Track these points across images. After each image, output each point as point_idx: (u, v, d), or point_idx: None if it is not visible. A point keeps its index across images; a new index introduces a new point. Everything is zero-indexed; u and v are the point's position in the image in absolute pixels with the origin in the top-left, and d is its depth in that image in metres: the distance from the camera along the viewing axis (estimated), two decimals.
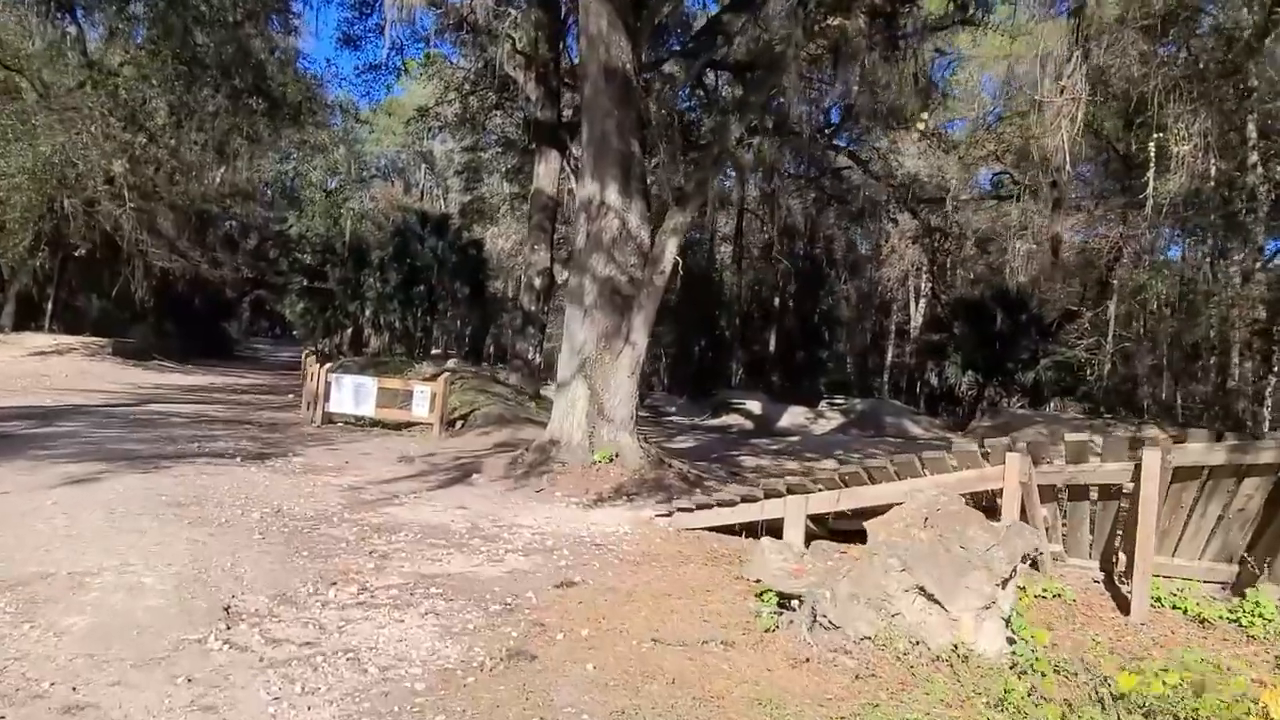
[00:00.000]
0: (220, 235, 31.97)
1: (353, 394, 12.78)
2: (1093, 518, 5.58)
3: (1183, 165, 13.62)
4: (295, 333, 51.62)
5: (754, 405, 20.29)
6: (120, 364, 20.80)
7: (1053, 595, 5.11)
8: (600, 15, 9.40)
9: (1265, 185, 15.06)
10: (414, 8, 13.73)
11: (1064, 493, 5.53)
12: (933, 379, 28.76)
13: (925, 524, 4.23)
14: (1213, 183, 15.05)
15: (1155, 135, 13.60)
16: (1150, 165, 14.06)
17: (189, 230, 26.46)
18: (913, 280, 31.58)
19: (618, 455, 9.04)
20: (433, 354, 29.86)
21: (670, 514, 7.09)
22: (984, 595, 3.92)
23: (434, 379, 13.31)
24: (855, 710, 3.28)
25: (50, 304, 24.80)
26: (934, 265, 27.14)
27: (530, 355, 18.75)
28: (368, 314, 32.82)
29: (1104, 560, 5.63)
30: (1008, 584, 4.02)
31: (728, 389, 25.03)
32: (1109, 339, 21.04)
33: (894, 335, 34.34)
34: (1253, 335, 16.21)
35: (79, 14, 20.12)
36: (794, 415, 19.78)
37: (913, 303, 33.10)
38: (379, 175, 46.41)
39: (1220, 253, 22.06)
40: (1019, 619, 4.11)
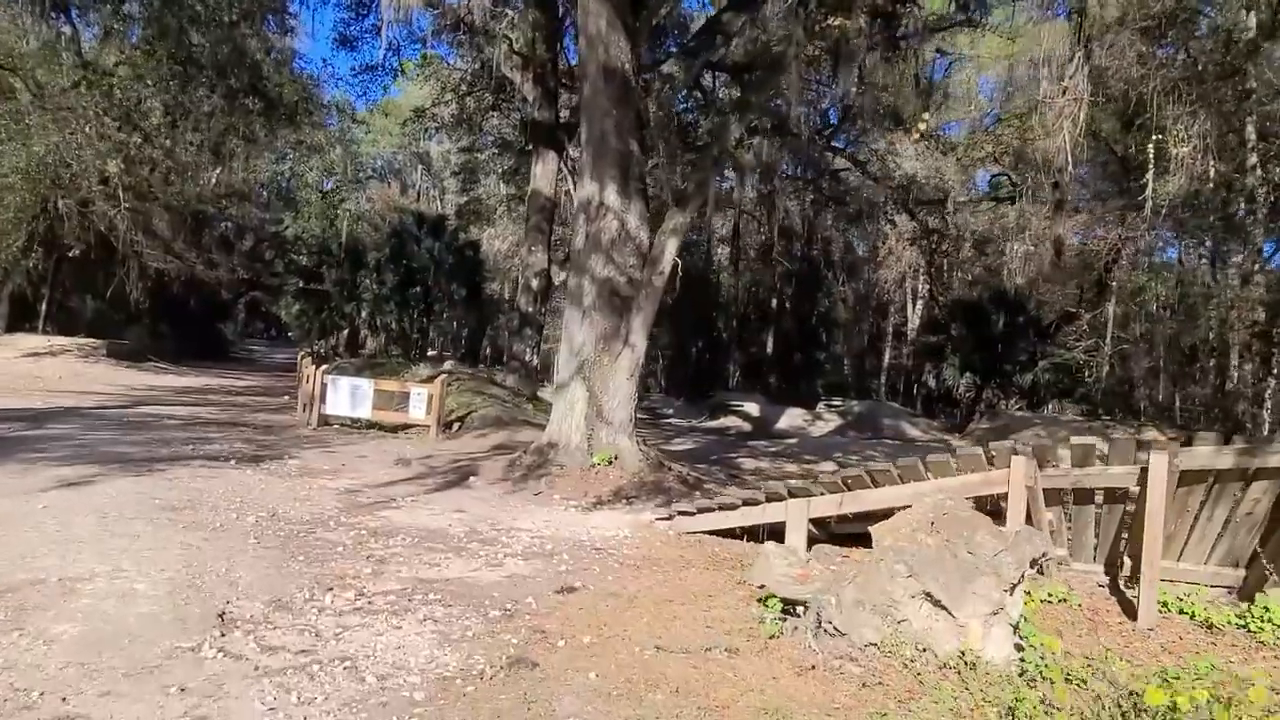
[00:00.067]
0: (216, 236, 31.82)
1: (349, 396, 12.69)
2: (1097, 521, 5.53)
3: (1182, 167, 13.63)
4: (291, 334, 51.48)
5: (752, 407, 20.23)
6: (114, 365, 20.65)
7: (1058, 600, 5.05)
8: (599, 15, 9.34)
9: (1264, 187, 15.05)
10: (411, 8, 13.71)
11: (1069, 496, 5.48)
12: (930, 381, 28.71)
13: (932, 529, 4.17)
14: (1212, 184, 15.04)
15: (1154, 137, 13.60)
16: (1149, 167, 14.05)
17: (184, 231, 26.28)
18: (910, 282, 31.53)
19: (617, 458, 8.97)
20: (429, 355, 29.73)
21: (670, 517, 7.03)
22: (992, 601, 3.86)
23: (431, 381, 13.22)
24: None
25: (44, 305, 24.60)
26: (931, 267, 27.10)
27: (527, 357, 18.68)
28: (364, 315, 32.70)
29: (1109, 564, 5.57)
30: (1016, 590, 3.96)
31: (725, 391, 24.99)
32: (1107, 341, 21.02)
33: (891, 337, 34.30)
34: (1252, 337, 16.19)
35: (74, 13, 20.02)
36: (792, 417, 19.73)
37: (910, 304, 33.06)
38: (375, 176, 46.38)
39: (1217, 255, 22.10)
40: (1027, 625, 4.05)
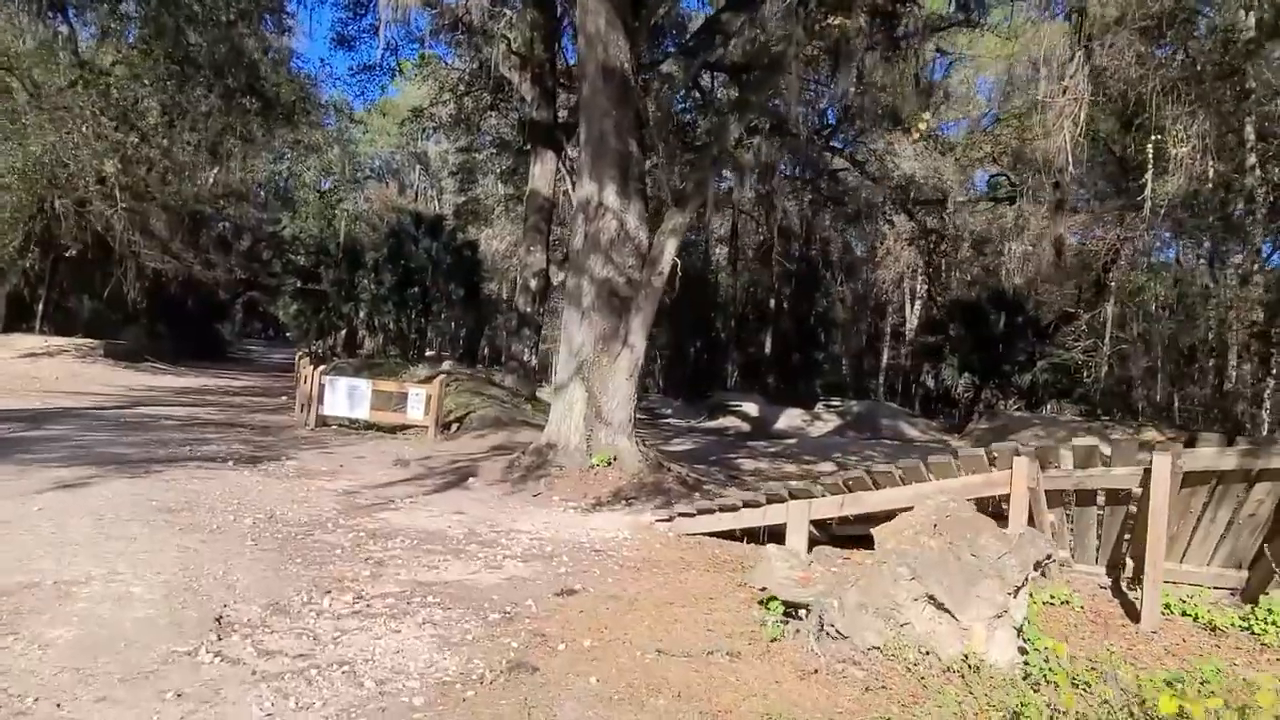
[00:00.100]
0: (213, 236, 31.73)
1: (347, 396, 12.65)
2: (1099, 523, 5.51)
3: (1181, 167, 13.62)
4: (289, 334, 51.44)
5: (750, 407, 20.20)
6: (112, 366, 20.58)
7: (1061, 602, 5.03)
8: (598, 14, 9.31)
9: (1263, 187, 15.05)
10: (409, 8, 13.65)
11: (1071, 497, 5.46)
12: (928, 381, 28.74)
13: (935, 531, 4.14)
14: (1210, 184, 15.03)
15: (1153, 137, 13.58)
16: (1149, 167, 14.04)
17: (182, 231, 26.21)
18: (908, 282, 31.55)
19: (616, 459, 8.93)
20: (427, 356, 29.69)
21: (670, 519, 6.99)
22: (996, 604, 3.83)
23: (429, 381, 13.18)
24: None
25: (41, 305, 24.51)
26: (930, 267, 27.11)
27: (526, 357, 18.64)
28: (362, 316, 32.68)
29: (1111, 566, 5.55)
30: (1020, 593, 3.93)
31: (723, 391, 24.96)
32: (1106, 341, 21.02)
33: (889, 337, 34.29)
34: (1251, 337, 16.19)
35: (71, 13, 19.94)
36: (790, 417, 19.71)
37: (908, 304, 33.07)
38: (373, 176, 46.36)
39: (1216, 255, 22.09)
40: (1031, 628, 4.03)
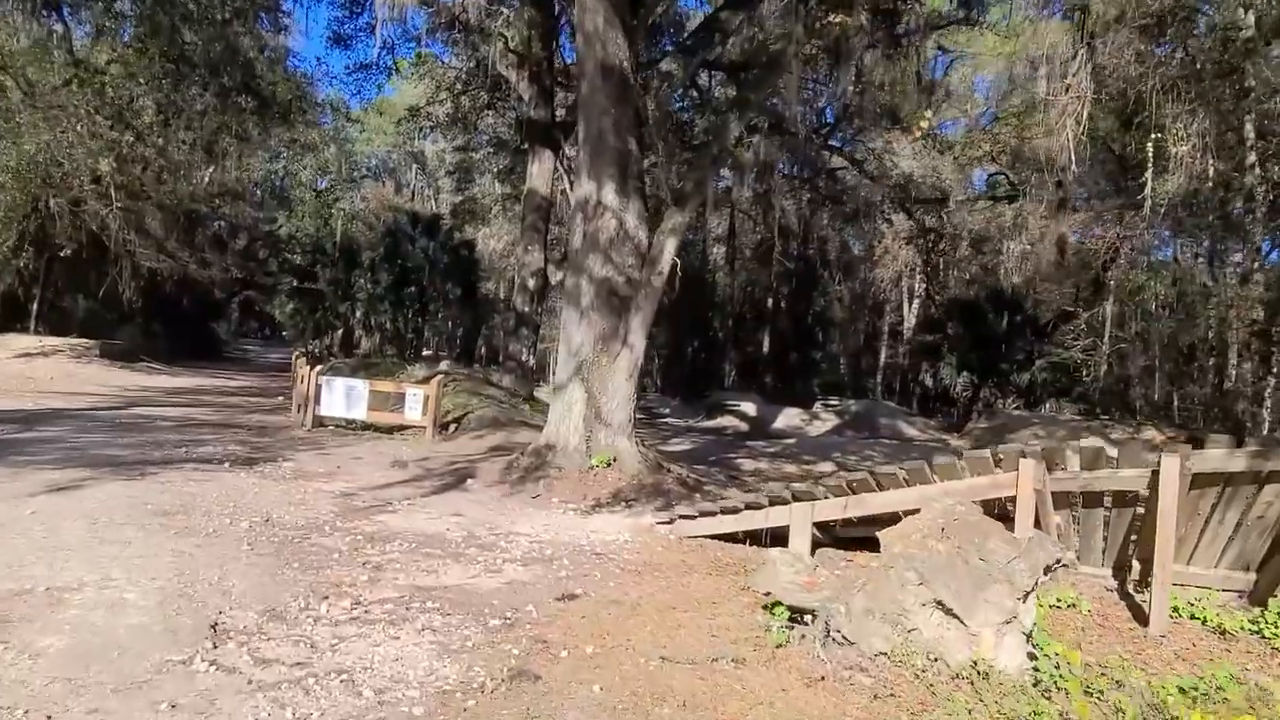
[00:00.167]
0: (209, 235, 31.55)
1: (344, 397, 12.55)
2: (1106, 524, 5.45)
3: (1180, 166, 13.57)
4: (285, 334, 51.26)
5: (749, 407, 20.12)
6: (107, 366, 20.46)
7: (1067, 605, 4.98)
8: (597, 12, 9.23)
9: (1263, 186, 15.02)
10: (405, 7, 13.56)
11: (1077, 499, 5.40)
12: (927, 380, 28.68)
13: (942, 535, 4.08)
14: (1210, 183, 14.99)
15: (1153, 135, 13.54)
16: (1148, 165, 13.99)
17: (177, 230, 26.06)
18: (906, 281, 31.48)
19: (615, 460, 8.86)
20: (424, 355, 29.55)
21: (672, 521, 6.92)
22: (1005, 609, 3.78)
23: (427, 381, 13.09)
24: None
25: (36, 305, 24.35)
26: (928, 266, 27.06)
27: (524, 357, 18.54)
28: (358, 315, 32.52)
29: (1117, 568, 5.50)
30: (1029, 597, 3.88)
31: (721, 390, 24.88)
32: (1105, 340, 21.00)
33: (887, 336, 34.24)
34: (1251, 336, 16.17)
35: (65, 11, 19.77)
36: (789, 417, 19.63)
37: (906, 303, 33.01)
38: (370, 175, 46.22)
39: (1215, 254, 22.08)
40: (1040, 633, 3.97)
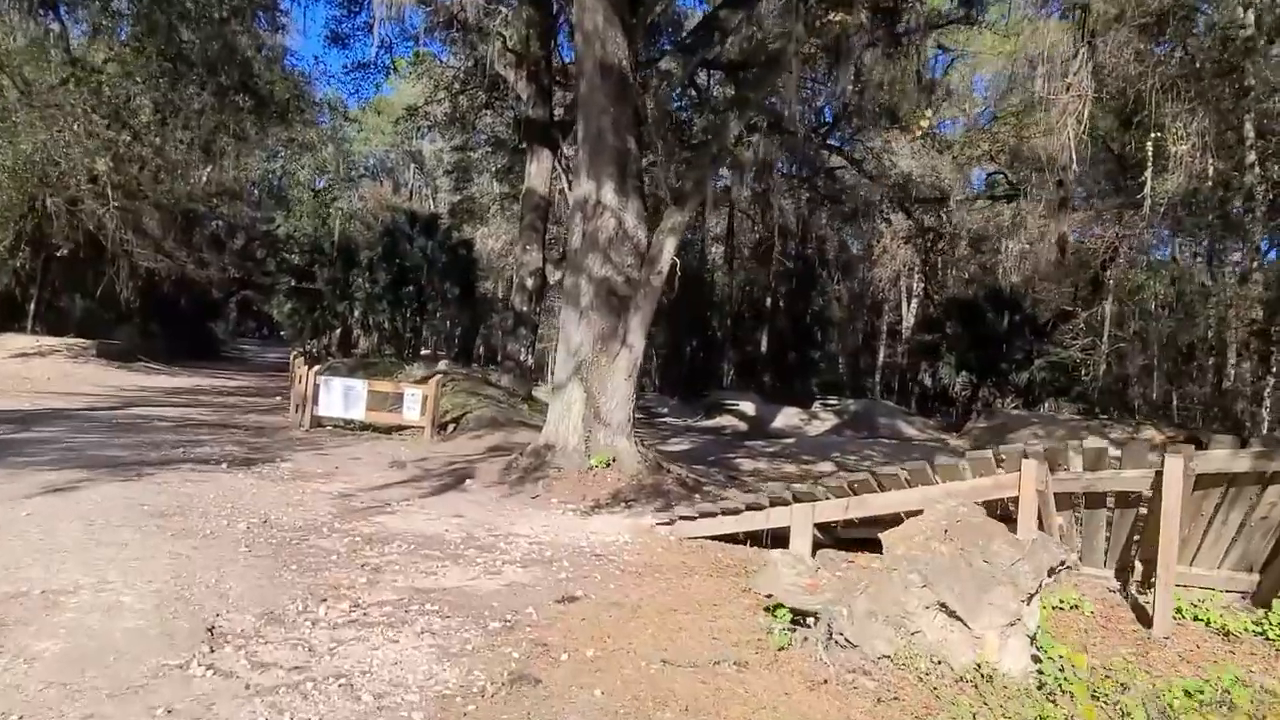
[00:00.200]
0: (206, 235, 31.48)
1: (342, 397, 12.51)
2: (1108, 525, 5.42)
3: (1180, 165, 13.57)
4: (283, 333, 51.22)
5: (747, 406, 20.09)
6: (104, 366, 20.39)
7: (1070, 606, 4.95)
8: (596, 10, 9.20)
9: (1262, 185, 14.99)
10: (403, 6, 13.54)
11: (1080, 500, 5.38)
12: (926, 379, 28.66)
13: (945, 536, 4.05)
14: (1210, 182, 14.98)
15: (1153, 134, 13.52)
16: (1148, 164, 13.98)
17: (174, 230, 26.00)
18: (905, 280, 31.45)
19: (615, 460, 8.83)
20: (422, 355, 29.51)
21: (672, 522, 6.89)
22: (1009, 612, 3.75)
23: (425, 381, 13.05)
24: None
25: (32, 305, 24.29)
26: (927, 265, 27.04)
27: (522, 356, 18.51)
28: (356, 315, 32.45)
29: (1120, 569, 5.47)
30: (1033, 600, 3.85)
31: (720, 390, 24.85)
32: (1104, 339, 20.98)
33: (886, 336, 34.22)
34: (1250, 335, 16.16)
35: (62, 10, 19.70)
36: (787, 416, 19.61)
37: (905, 303, 32.97)
38: (368, 175, 46.10)
39: (1214, 253, 22.07)
40: (1044, 636, 3.94)
